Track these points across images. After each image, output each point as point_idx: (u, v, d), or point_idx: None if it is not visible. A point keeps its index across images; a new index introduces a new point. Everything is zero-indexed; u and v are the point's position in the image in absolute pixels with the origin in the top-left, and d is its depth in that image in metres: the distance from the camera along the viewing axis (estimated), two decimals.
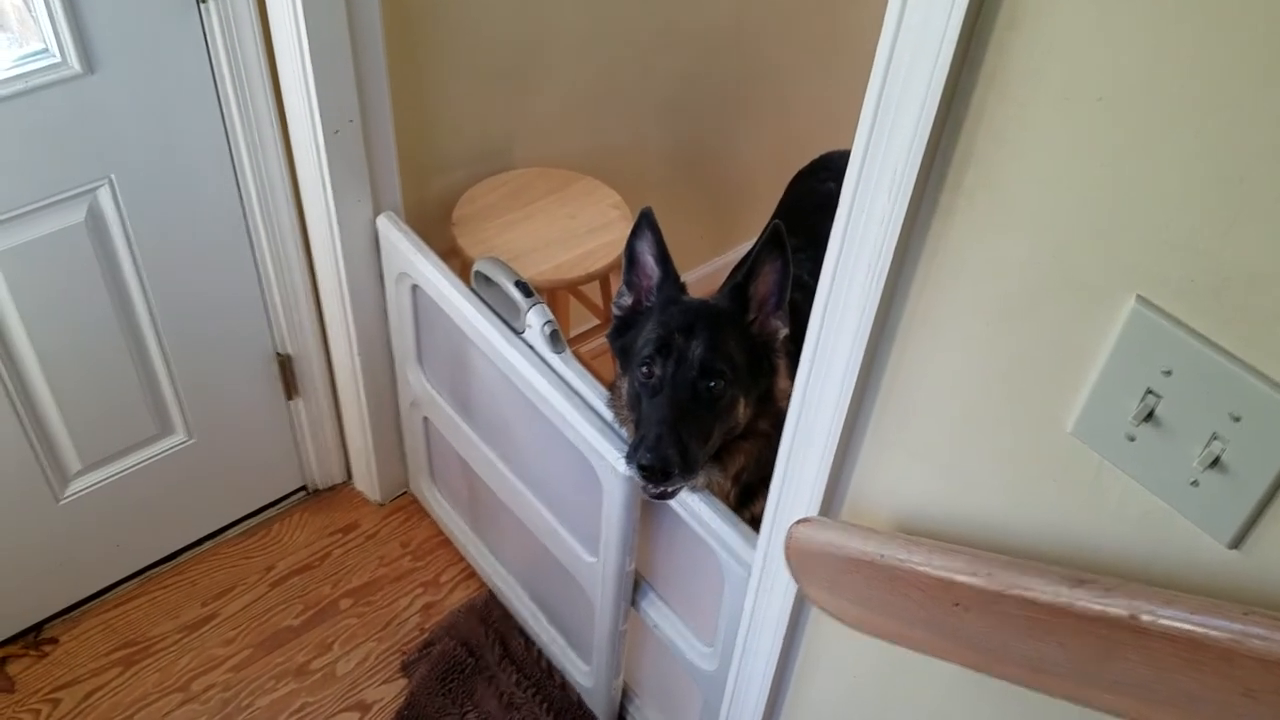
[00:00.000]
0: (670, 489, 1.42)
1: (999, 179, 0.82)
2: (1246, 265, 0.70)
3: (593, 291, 2.21)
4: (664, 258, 1.48)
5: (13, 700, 1.96)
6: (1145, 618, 0.73)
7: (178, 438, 2.03)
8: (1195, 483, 0.77)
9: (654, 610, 1.71)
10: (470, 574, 2.21)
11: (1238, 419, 0.73)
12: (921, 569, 0.89)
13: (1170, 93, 0.70)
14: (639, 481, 1.42)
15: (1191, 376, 0.74)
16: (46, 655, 2.03)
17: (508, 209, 2.03)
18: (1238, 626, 0.68)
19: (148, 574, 2.17)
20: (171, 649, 2.07)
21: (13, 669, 2.00)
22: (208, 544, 2.23)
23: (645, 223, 1.47)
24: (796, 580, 1.05)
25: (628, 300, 1.53)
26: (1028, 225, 0.81)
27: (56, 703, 1.97)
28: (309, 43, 1.59)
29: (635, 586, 1.72)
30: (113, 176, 1.65)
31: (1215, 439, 0.74)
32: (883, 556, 0.92)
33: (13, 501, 1.86)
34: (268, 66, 1.69)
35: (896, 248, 0.89)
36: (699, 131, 2.50)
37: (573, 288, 2.02)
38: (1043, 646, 0.81)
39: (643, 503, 1.57)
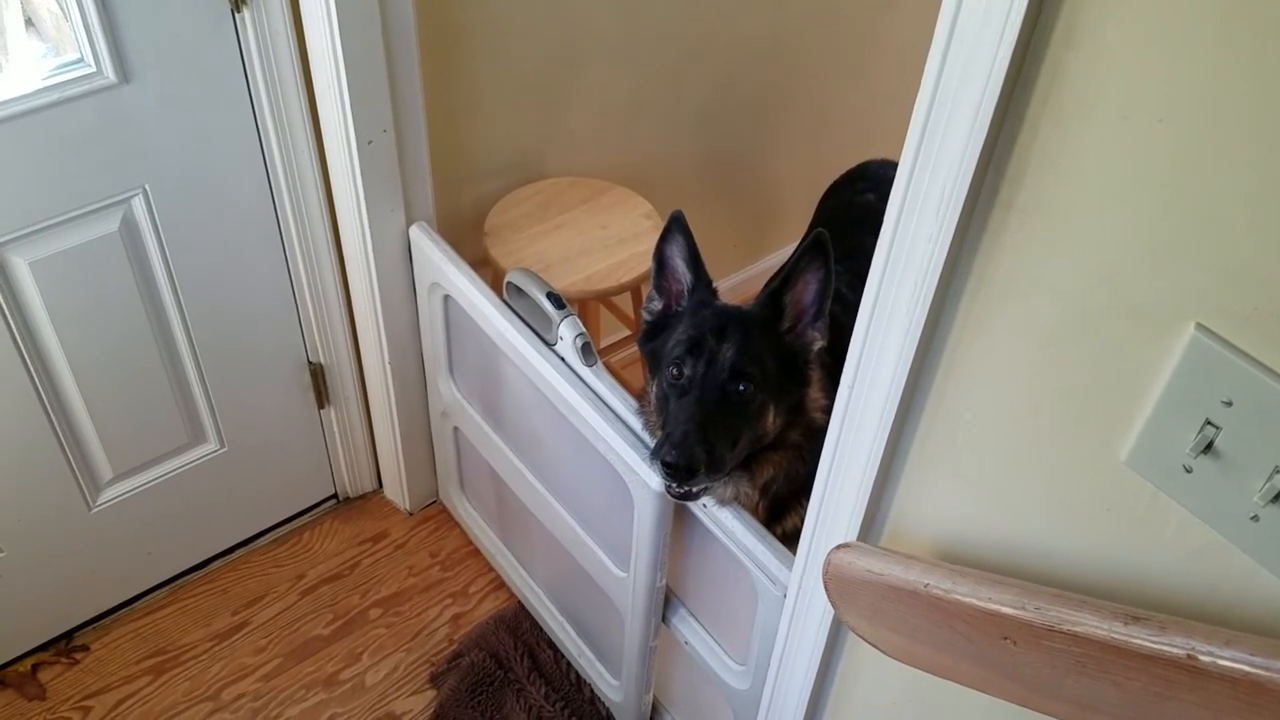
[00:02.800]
0: (694, 489, 1.40)
1: (1052, 200, 0.79)
2: None
3: (624, 302, 2.19)
4: (695, 261, 1.47)
5: (44, 707, 1.96)
6: (1204, 658, 0.70)
7: (210, 446, 2.03)
8: (1256, 517, 0.74)
9: (685, 626, 1.69)
10: (499, 585, 2.20)
11: None
12: (967, 600, 0.86)
13: (1232, 114, 0.67)
14: (662, 479, 1.40)
15: (1253, 408, 0.71)
16: (78, 663, 2.03)
17: (540, 219, 2.02)
18: None
19: (179, 582, 2.17)
20: (202, 657, 2.07)
21: (44, 676, 2.01)
22: (239, 552, 2.23)
23: (676, 226, 1.45)
24: (835, 607, 1.03)
25: (658, 305, 1.51)
26: (1082, 248, 0.79)
27: (87, 710, 1.97)
28: (343, 52, 1.58)
29: (666, 602, 1.70)
30: (147, 186, 1.65)
31: (1278, 473, 0.71)
32: (926, 586, 0.90)
33: (46, 509, 1.86)
34: (302, 76, 1.68)
35: (944, 268, 0.87)
36: (733, 141, 2.48)
37: (604, 298, 2.00)
38: (1095, 685, 0.79)
39: (674, 517, 1.55)
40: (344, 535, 2.28)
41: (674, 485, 1.38)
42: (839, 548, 1.01)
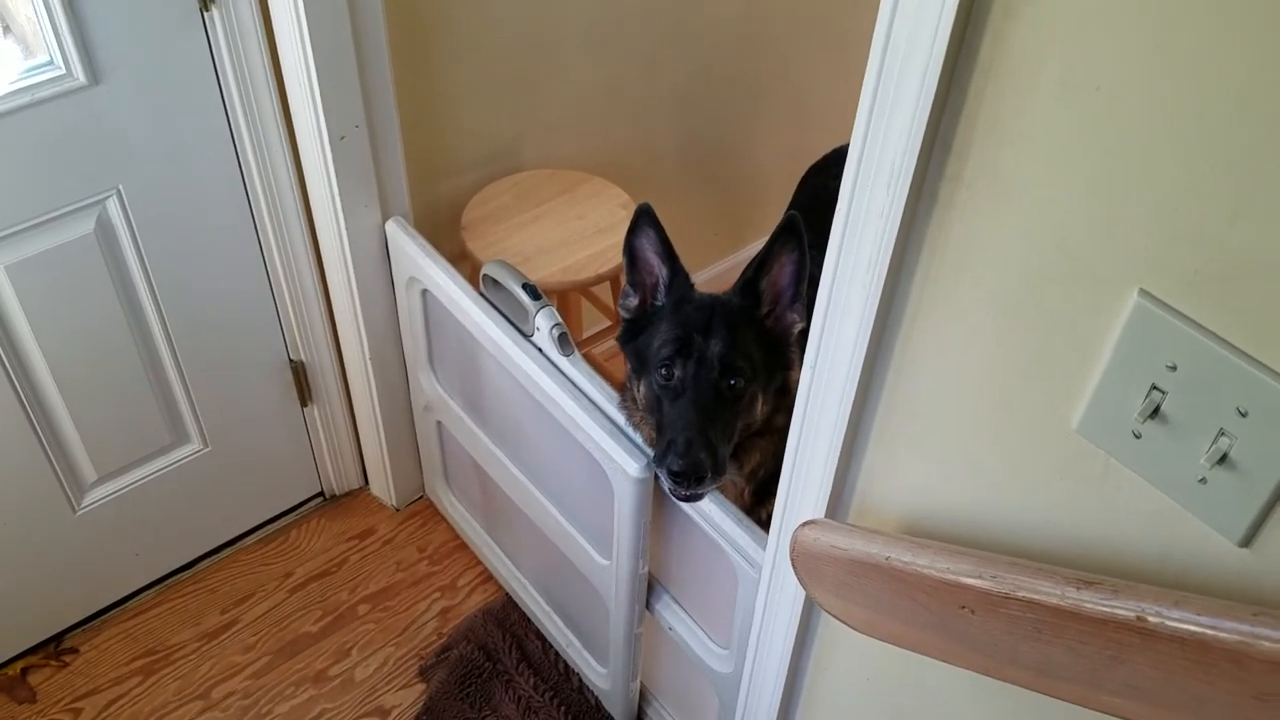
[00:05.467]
0: (701, 491, 1.41)
1: (999, 170, 0.80)
2: (1252, 255, 0.68)
3: (604, 292, 2.20)
4: (669, 254, 1.46)
5: (35, 710, 1.97)
6: (1153, 619, 0.71)
7: (193, 446, 2.03)
8: (1204, 480, 0.75)
9: (668, 612, 1.70)
10: (487, 578, 2.21)
11: (1245, 414, 0.71)
12: (927, 572, 0.87)
13: (1171, 80, 0.68)
14: (667, 485, 1.41)
15: (1197, 371, 0.72)
16: (67, 665, 2.04)
17: (517, 211, 2.02)
18: (1246, 628, 0.66)
19: (167, 582, 2.18)
20: (191, 657, 2.08)
21: (34, 679, 2.01)
22: (226, 551, 2.24)
23: (645, 219, 1.45)
24: (802, 584, 1.03)
25: (634, 300, 1.51)
26: (1028, 217, 0.79)
27: (78, 712, 1.98)
28: (313, 49, 1.59)
29: (649, 589, 1.71)
30: (121, 187, 1.66)
31: (1223, 435, 0.72)
32: (888, 559, 0.90)
33: (30, 512, 1.87)
34: (273, 74, 1.69)
35: (896, 242, 0.87)
36: (710, 129, 2.48)
37: (583, 289, 2.01)
38: (1051, 650, 0.80)
39: (655, 505, 1.56)
40: (331, 532, 2.28)
41: (682, 491, 1.39)
42: (804, 524, 1.02)
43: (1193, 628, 0.69)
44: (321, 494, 2.32)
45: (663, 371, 1.41)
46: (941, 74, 0.78)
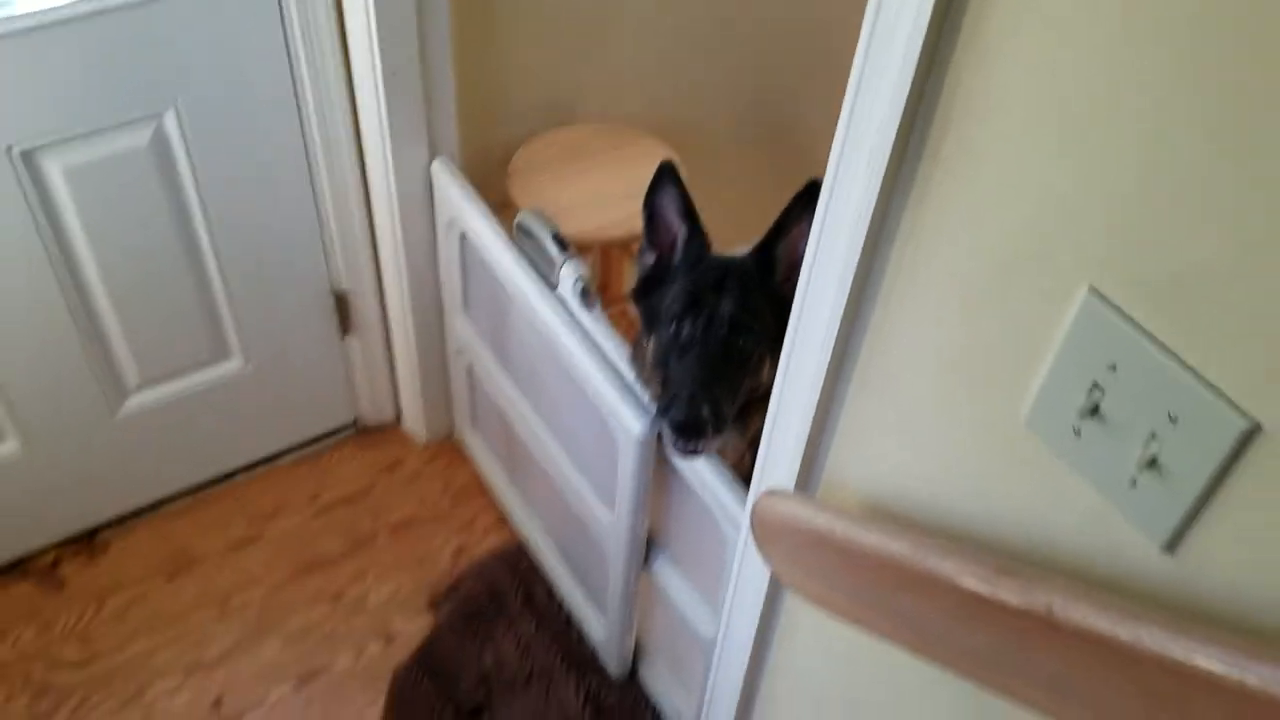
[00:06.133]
0: (701, 447, 1.42)
1: (966, 168, 0.80)
2: (1199, 264, 0.67)
3: None
4: (689, 213, 1.47)
5: (62, 599, 2.07)
6: (1059, 613, 0.72)
7: (234, 364, 2.11)
8: (1134, 482, 0.74)
9: (664, 573, 1.73)
10: (504, 522, 2.26)
11: (1175, 420, 0.70)
12: (867, 548, 0.88)
13: (1127, 92, 0.67)
14: (669, 438, 1.42)
15: (1135, 372, 0.72)
16: (97, 560, 2.14)
17: (564, 163, 2.04)
18: (1140, 629, 0.66)
19: (200, 491, 2.26)
20: (215, 564, 2.16)
21: (65, 570, 2.12)
22: (259, 469, 2.32)
23: (666, 178, 1.46)
24: (760, 549, 1.05)
25: (650, 258, 1.53)
26: (995, 207, 0.79)
27: (102, 605, 2.08)
28: None
29: (648, 548, 1.74)
30: (178, 104, 1.72)
31: (1154, 438, 0.72)
32: (834, 533, 0.92)
33: (73, 412, 1.95)
34: (333, 1, 1.72)
35: (870, 227, 0.88)
36: (776, 95, 2.45)
37: (622, 245, 2.03)
38: (969, 634, 0.80)
39: (657, 468, 1.58)
40: (361, 461, 2.35)
41: (682, 444, 1.40)
42: (765, 494, 1.03)
43: (1093, 624, 0.69)
44: (355, 423, 2.39)
45: (673, 326, 1.43)
46: (919, 64, 0.78)
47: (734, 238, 1.55)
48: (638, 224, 1.93)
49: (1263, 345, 0.65)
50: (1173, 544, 0.74)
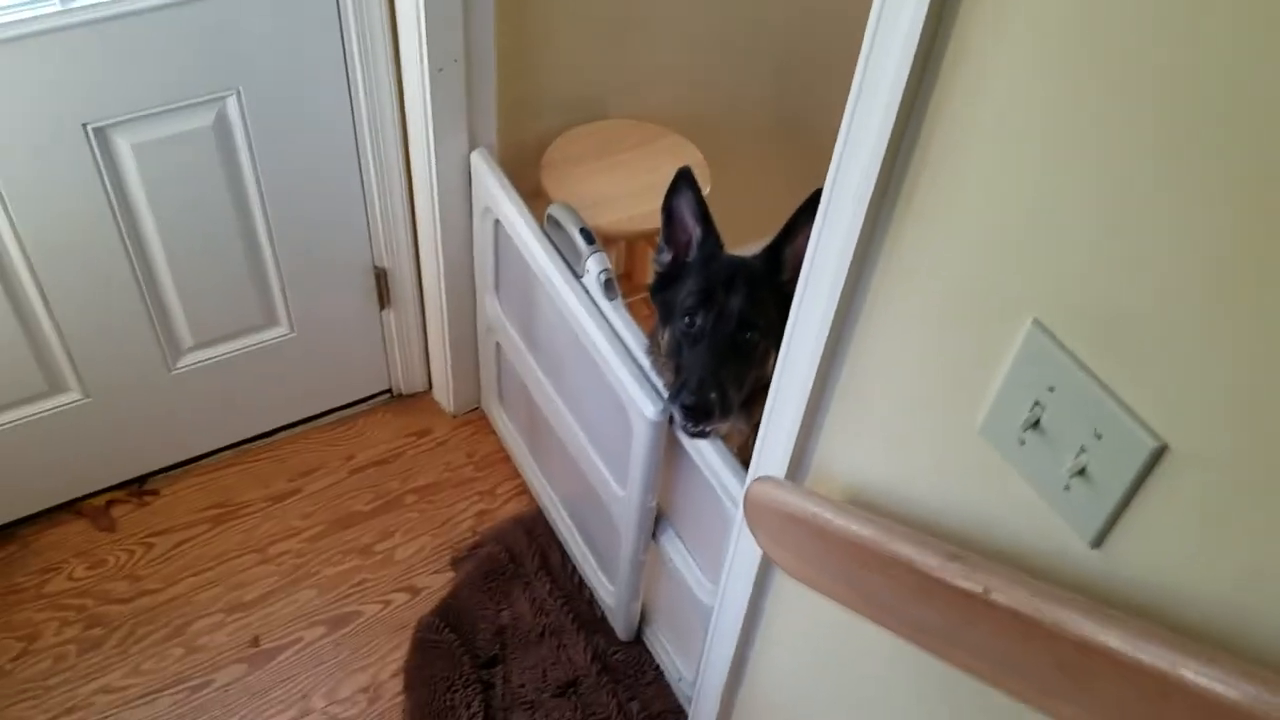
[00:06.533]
0: (708, 428, 1.56)
1: (936, 212, 0.93)
2: (1127, 308, 0.79)
3: None
4: (704, 215, 1.61)
5: (113, 539, 2.24)
6: (994, 595, 0.85)
7: (281, 330, 2.25)
8: (1068, 487, 0.87)
9: (671, 545, 1.86)
10: (523, 490, 2.40)
11: (1100, 436, 0.83)
12: (839, 531, 1.01)
13: (1078, 160, 0.79)
14: (679, 420, 1.57)
15: (1069, 394, 0.84)
16: (147, 504, 2.30)
17: (595, 157, 2.17)
18: (1059, 609, 0.80)
19: (245, 446, 2.42)
20: (256, 514, 2.32)
21: (116, 512, 2.28)
22: (300, 428, 2.47)
23: (684, 182, 1.59)
24: (750, 529, 1.18)
25: (667, 256, 1.66)
26: (959, 249, 0.92)
27: (150, 546, 2.24)
28: None
29: (657, 522, 1.88)
30: (240, 89, 1.85)
31: (1083, 451, 0.85)
32: (813, 516, 1.05)
33: (132, 367, 2.11)
34: (387, 4, 1.85)
35: (854, 258, 1.01)
36: (801, 96, 2.56)
37: (647, 239, 2.16)
38: (924, 611, 0.93)
39: (667, 448, 1.71)
40: (393, 427, 2.50)
41: (690, 425, 1.55)
42: (757, 480, 1.17)
43: (1022, 606, 0.83)
44: (389, 391, 2.54)
45: (686, 319, 1.57)
46: (898, 118, 0.90)
47: (757, 233, 1.67)
48: None
49: (1175, 380, 0.78)
50: (1098, 541, 0.86)
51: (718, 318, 1.54)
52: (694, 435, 1.59)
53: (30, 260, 1.86)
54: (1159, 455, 0.80)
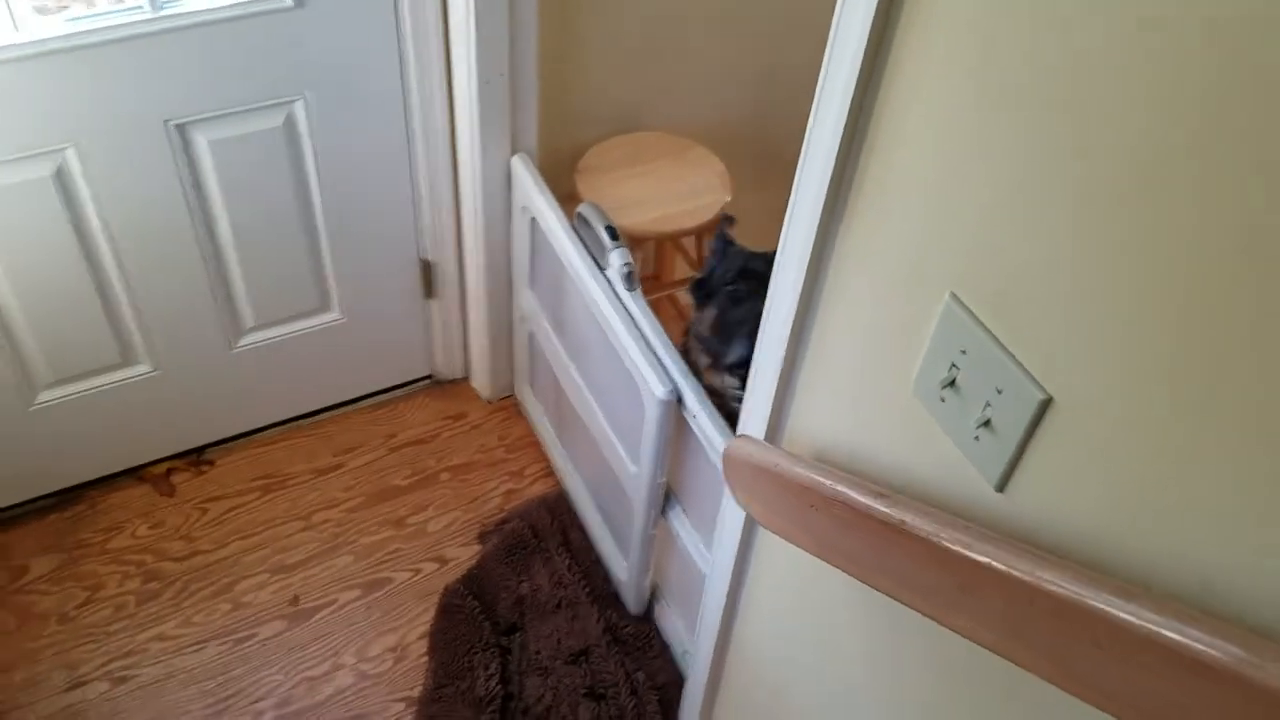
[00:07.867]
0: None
1: (878, 202, 1.09)
2: (1014, 278, 0.95)
3: (690, 245, 2.51)
4: (731, 241, 1.89)
5: (172, 503, 2.45)
6: (907, 524, 1.00)
7: (333, 315, 2.46)
8: (977, 438, 1.02)
9: (677, 520, 2.03)
10: (549, 473, 2.58)
11: (1000, 391, 0.98)
12: (793, 476, 1.17)
13: (980, 164, 0.95)
14: (732, 383, 1.79)
15: (976, 356, 1.00)
16: (203, 473, 2.51)
17: (626, 165, 2.35)
18: (959, 535, 0.95)
19: (294, 423, 2.62)
20: (302, 486, 2.52)
21: (176, 479, 2.49)
22: (345, 408, 2.67)
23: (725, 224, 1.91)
24: (726, 481, 1.35)
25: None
26: (896, 233, 1.08)
27: (205, 511, 2.45)
28: (475, 5, 1.95)
29: (666, 499, 2.04)
30: (307, 94, 2.06)
31: (988, 405, 1.00)
32: (774, 465, 1.21)
33: (197, 344, 2.32)
34: (441, 21, 2.05)
35: (815, 243, 1.17)
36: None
37: (669, 239, 2.33)
38: (858, 543, 1.09)
39: (677, 429, 1.88)
40: (432, 409, 2.69)
41: (738, 385, 1.77)
42: (737, 438, 1.33)
43: (928, 533, 0.98)
44: (430, 376, 2.73)
45: (730, 287, 1.80)
46: (848, 116, 1.07)
47: (773, 240, 1.87)
48: (685, 222, 2.26)
49: (1059, 339, 0.93)
50: (1002, 485, 1.01)
51: (757, 283, 1.75)
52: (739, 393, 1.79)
53: (115, 242, 2.08)
54: (1045, 406, 0.95)
